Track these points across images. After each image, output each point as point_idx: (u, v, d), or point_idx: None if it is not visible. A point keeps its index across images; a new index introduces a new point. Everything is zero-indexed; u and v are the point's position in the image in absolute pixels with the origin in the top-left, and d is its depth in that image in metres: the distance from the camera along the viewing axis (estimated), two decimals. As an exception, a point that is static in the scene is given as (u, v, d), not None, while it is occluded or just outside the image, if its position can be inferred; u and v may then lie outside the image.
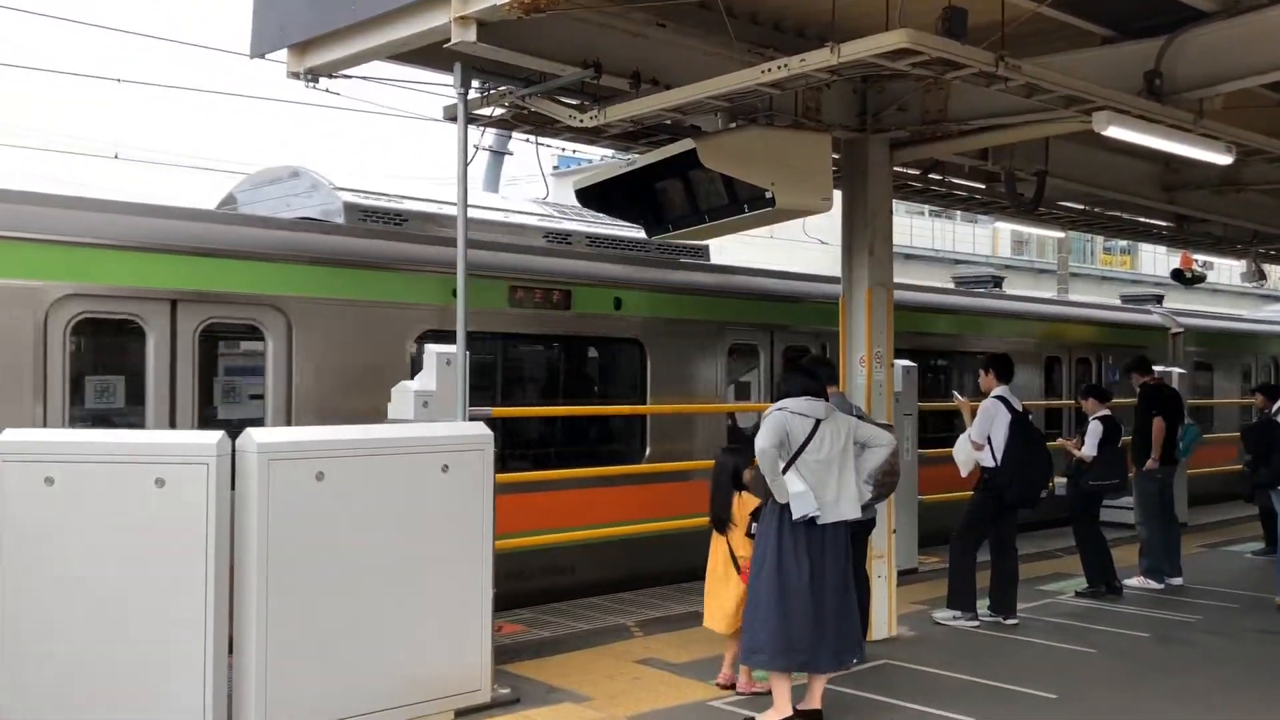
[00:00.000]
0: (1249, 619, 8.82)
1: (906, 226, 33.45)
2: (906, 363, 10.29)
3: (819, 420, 6.05)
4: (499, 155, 17.22)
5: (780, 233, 13.43)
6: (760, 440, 5.98)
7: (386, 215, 9.02)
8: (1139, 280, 40.28)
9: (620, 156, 10.52)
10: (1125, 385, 11.12)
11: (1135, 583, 9.92)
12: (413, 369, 8.05)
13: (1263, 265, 14.78)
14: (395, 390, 6.69)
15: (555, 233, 10.18)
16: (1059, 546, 11.41)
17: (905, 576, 9.42)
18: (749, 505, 6.57)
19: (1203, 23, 6.89)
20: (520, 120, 7.83)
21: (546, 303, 9.30)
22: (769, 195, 7.10)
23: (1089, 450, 9.53)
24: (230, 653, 5.39)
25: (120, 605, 5.23)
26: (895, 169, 8.76)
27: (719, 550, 6.78)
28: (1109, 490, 9.74)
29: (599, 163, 22.13)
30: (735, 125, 7.25)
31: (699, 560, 6.97)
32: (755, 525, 6.40)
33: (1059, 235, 21.91)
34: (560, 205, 10.81)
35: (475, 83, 7.03)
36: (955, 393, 9.97)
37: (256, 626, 5.34)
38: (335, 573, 5.59)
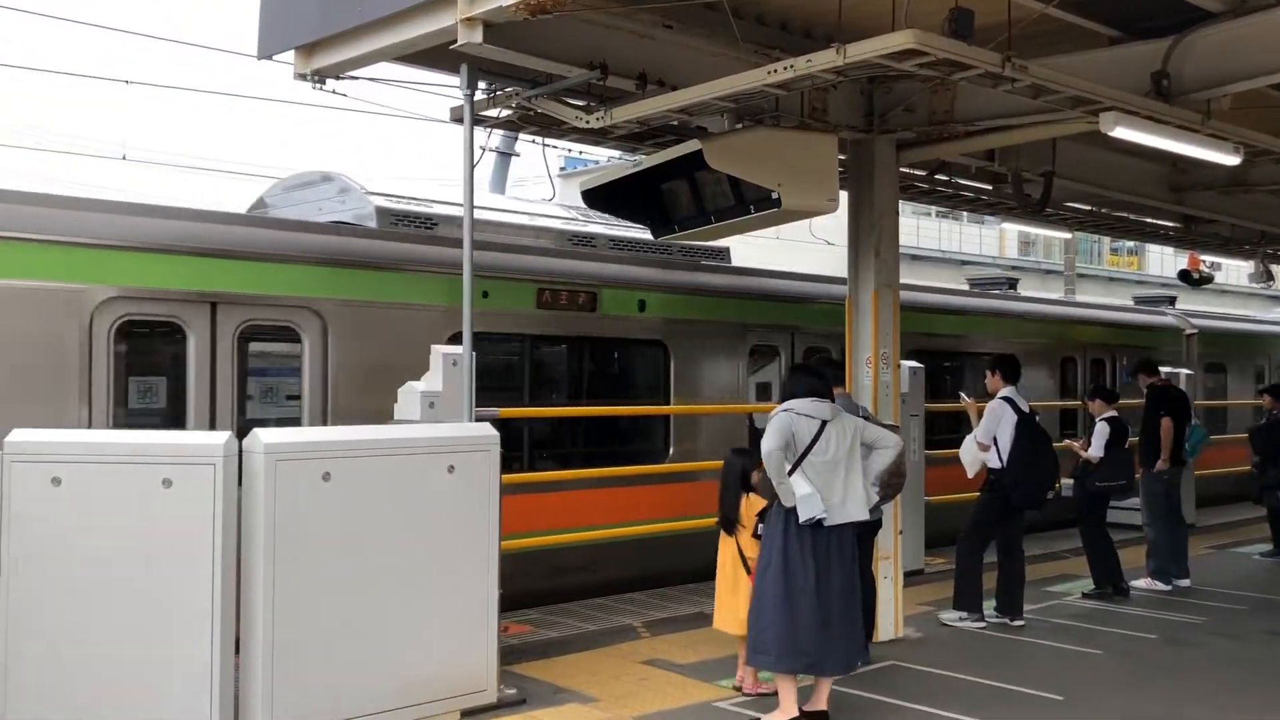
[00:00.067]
0: (1257, 621, 8.80)
1: (913, 227, 33.38)
2: (913, 364, 10.28)
3: (825, 421, 6.04)
4: (506, 156, 17.22)
5: (786, 234, 13.41)
6: (766, 442, 5.97)
7: (418, 219, 9.13)
8: (1144, 281, 40.16)
9: (627, 158, 10.54)
10: (1136, 386, 11.10)
11: (1142, 584, 9.89)
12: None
13: (1271, 266, 14.72)
14: (402, 391, 6.71)
15: (580, 235, 10.27)
16: (1066, 548, 11.40)
17: (911, 577, 9.42)
18: (757, 506, 6.57)
19: (1210, 23, 6.87)
20: (527, 122, 7.85)
21: (573, 305, 9.41)
22: (775, 196, 7.10)
23: (1096, 451, 9.51)
24: (236, 653, 5.40)
25: (126, 605, 5.24)
26: (902, 170, 8.76)
27: (727, 552, 6.78)
28: (1116, 491, 9.73)
29: (606, 164, 22.13)
30: (741, 126, 7.23)
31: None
32: (762, 526, 6.40)
33: (1066, 236, 21.84)
34: (583, 208, 10.89)
35: (481, 84, 7.04)
36: (962, 393, 9.95)
37: (263, 626, 5.35)
38: (341, 573, 5.60)
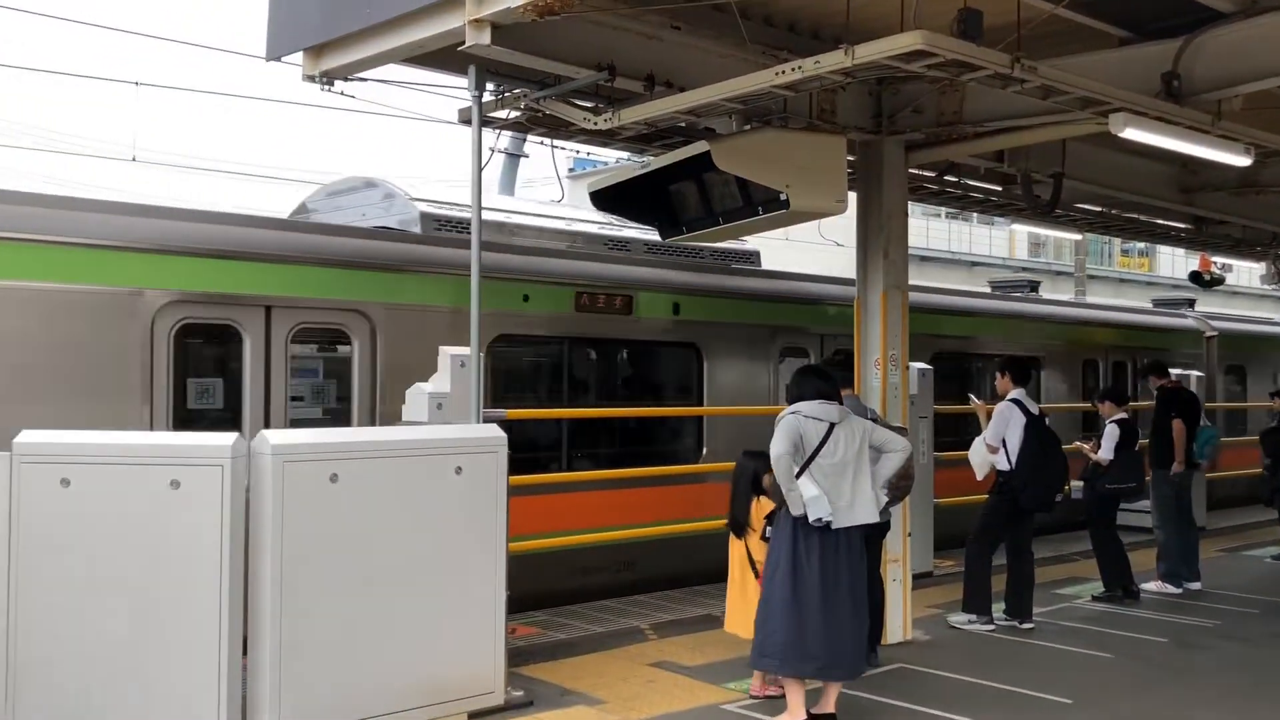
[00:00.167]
0: (1268, 624, 8.75)
1: (923, 228, 33.34)
2: (922, 365, 10.27)
3: (833, 424, 6.01)
4: (514, 158, 17.24)
5: (795, 234, 13.40)
6: (775, 446, 5.93)
7: (460, 224, 9.25)
8: (1154, 282, 40.01)
9: (635, 159, 10.56)
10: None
11: (1153, 587, 9.86)
12: (488, 373, 8.44)
13: (1283, 267, 14.68)
14: (410, 392, 6.72)
15: (616, 240, 10.39)
16: (1075, 550, 11.35)
17: (920, 580, 9.38)
18: (767, 509, 6.55)
19: (1221, 23, 6.84)
20: (535, 123, 7.86)
21: (610, 308, 9.58)
22: (783, 197, 7.09)
23: (1105, 453, 9.48)
24: (244, 654, 5.40)
25: (134, 606, 5.24)
26: (911, 171, 8.74)
27: (737, 554, 6.77)
28: (1126, 494, 9.69)
29: (614, 165, 22.13)
30: (749, 127, 7.23)
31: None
32: (770, 529, 6.38)
33: (1076, 237, 21.79)
34: None
35: (490, 85, 7.04)
36: (971, 395, 9.94)
37: (270, 627, 5.35)
38: (349, 574, 5.60)
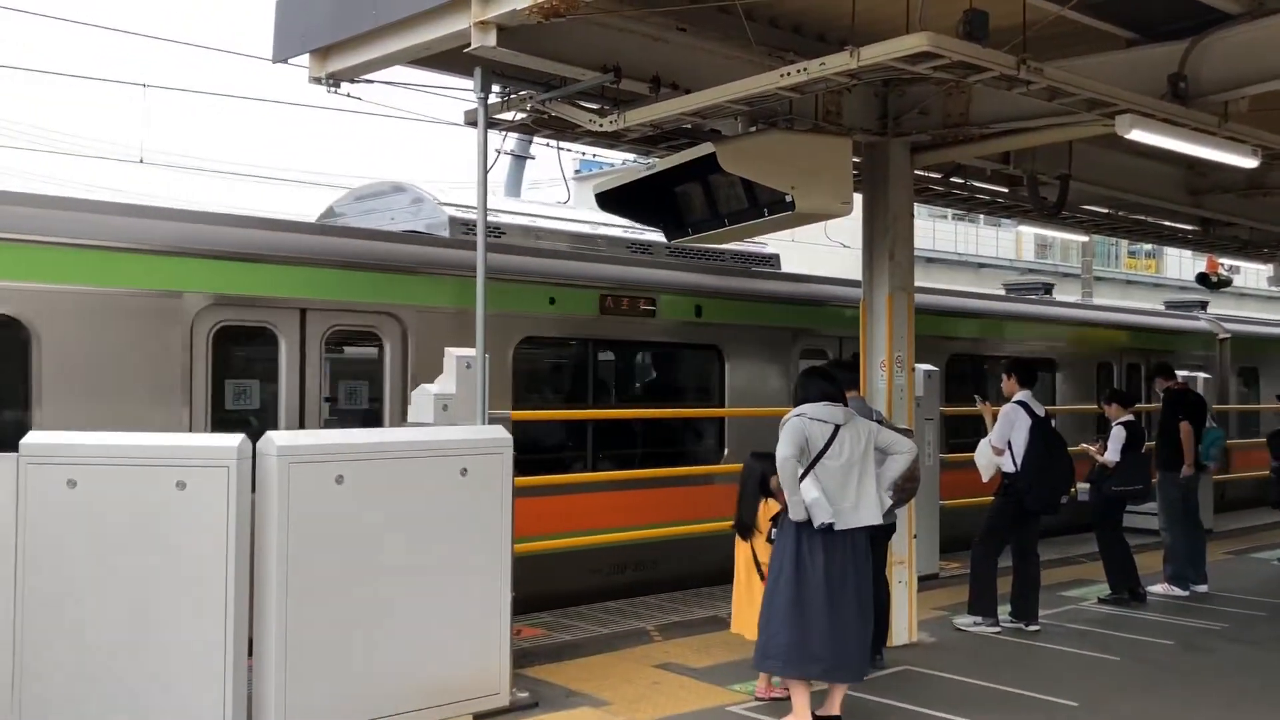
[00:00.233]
0: (1275, 627, 8.72)
1: (929, 230, 33.28)
2: (928, 367, 10.26)
3: (838, 426, 6.01)
4: (520, 159, 17.26)
5: (801, 236, 13.41)
6: (780, 449, 5.92)
7: (490, 229, 9.27)
8: (1161, 284, 39.93)
9: (640, 161, 10.58)
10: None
11: (1159, 589, 9.83)
12: (514, 374, 8.75)
13: (1291, 269, 14.67)
14: (415, 393, 6.73)
15: (639, 243, 10.47)
16: (1081, 552, 11.34)
17: (926, 582, 9.38)
18: (774, 510, 6.54)
19: (1228, 25, 6.82)
20: (541, 125, 7.86)
21: (634, 310, 9.69)
22: (789, 199, 7.09)
23: (1112, 455, 9.47)
24: (250, 655, 5.41)
25: (140, 608, 5.26)
26: (916, 172, 8.73)
27: (743, 556, 6.76)
28: (1132, 496, 9.68)
29: (621, 167, 22.14)
30: (755, 129, 7.23)
31: None
32: (774, 530, 6.38)
33: (1083, 239, 21.75)
34: None
35: (495, 87, 7.05)
36: (977, 397, 9.92)
37: (276, 629, 5.36)
38: (354, 575, 5.60)
